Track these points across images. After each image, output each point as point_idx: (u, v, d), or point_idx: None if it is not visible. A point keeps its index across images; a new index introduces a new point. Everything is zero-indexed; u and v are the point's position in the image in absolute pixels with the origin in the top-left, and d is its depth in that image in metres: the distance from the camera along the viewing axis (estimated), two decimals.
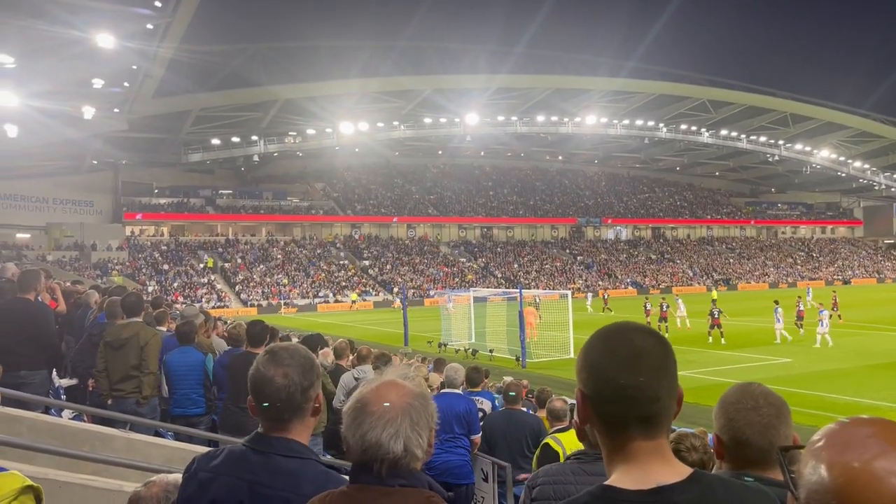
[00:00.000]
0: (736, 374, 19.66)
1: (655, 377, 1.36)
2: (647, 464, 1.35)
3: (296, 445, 2.07)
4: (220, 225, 66.37)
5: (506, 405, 7.35)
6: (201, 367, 7.48)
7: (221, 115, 55.20)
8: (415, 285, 60.75)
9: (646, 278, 69.96)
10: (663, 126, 72.24)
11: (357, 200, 73.86)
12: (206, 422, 7.58)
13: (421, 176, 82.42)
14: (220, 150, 62.27)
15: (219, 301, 52.49)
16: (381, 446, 1.63)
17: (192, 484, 2.10)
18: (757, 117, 71.31)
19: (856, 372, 19.95)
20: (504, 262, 70.00)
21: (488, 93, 61.00)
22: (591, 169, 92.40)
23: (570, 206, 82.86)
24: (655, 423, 1.37)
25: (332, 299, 56.43)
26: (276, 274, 59.21)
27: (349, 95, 56.94)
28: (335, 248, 67.20)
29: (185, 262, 58.43)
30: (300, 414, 2.10)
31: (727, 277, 72.64)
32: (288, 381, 2.07)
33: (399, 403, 1.67)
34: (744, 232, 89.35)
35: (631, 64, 67.47)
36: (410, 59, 58.80)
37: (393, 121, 64.52)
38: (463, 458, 7.09)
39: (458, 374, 7.47)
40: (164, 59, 38.63)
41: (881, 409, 15.13)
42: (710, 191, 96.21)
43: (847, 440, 0.90)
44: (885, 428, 0.91)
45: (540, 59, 64.31)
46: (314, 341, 8.04)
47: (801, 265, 80.00)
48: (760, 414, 1.95)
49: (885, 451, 0.87)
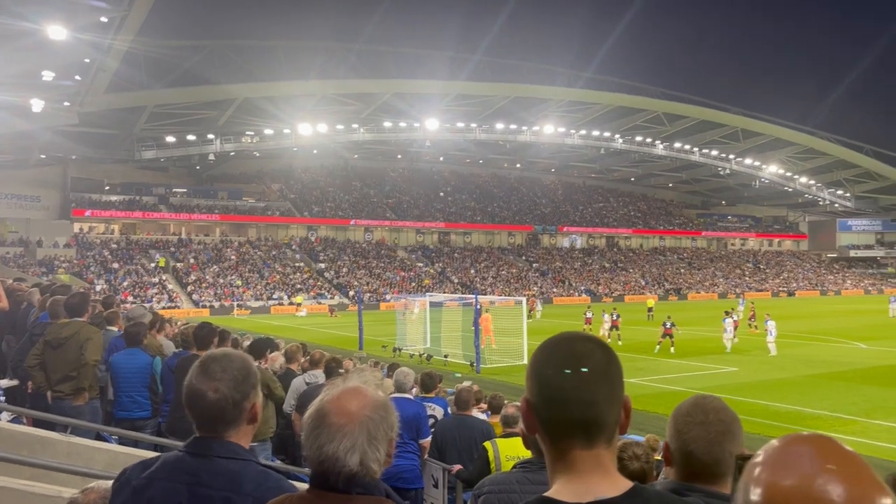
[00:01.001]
0: (684, 383, 20.05)
1: (593, 382, 1.37)
2: (587, 476, 1.35)
3: (235, 447, 2.07)
4: (172, 224, 65.09)
5: (457, 411, 7.37)
6: (148, 369, 7.32)
7: (177, 113, 54.20)
8: (371, 289, 60.47)
9: (599, 286, 70.91)
10: (619, 137, 73.49)
11: (314, 202, 73.25)
12: (151, 425, 7.42)
13: (380, 179, 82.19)
14: (175, 148, 61.11)
15: (170, 301, 51.44)
16: (337, 460, 1.63)
17: (125, 491, 2.05)
18: (709, 131, 73.06)
19: (799, 381, 20.52)
20: (461, 268, 70.19)
21: (448, 99, 61.23)
22: (548, 177, 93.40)
23: (527, 214, 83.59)
24: (595, 431, 1.36)
25: (286, 302, 55.79)
26: (230, 275, 58.31)
27: (308, 97, 56.51)
28: (291, 250, 66.50)
29: (136, 261, 57.12)
30: (234, 425, 2.08)
31: (678, 287, 74.10)
32: (219, 396, 2.05)
33: (358, 416, 1.66)
34: (695, 243, 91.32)
35: (587, 74, 68.67)
36: (369, 63, 58.74)
37: (352, 123, 64.25)
38: (412, 462, 7.09)
39: (407, 378, 7.46)
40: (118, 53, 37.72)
41: (822, 418, 15.61)
42: (663, 202, 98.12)
43: (783, 459, 0.88)
44: (822, 446, 0.89)
45: (499, 66, 64.90)
46: (264, 345, 7.93)
47: (748, 277, 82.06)
48: (708, 429, 1.95)
49: (819, 471, 0.84)
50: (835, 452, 0.88)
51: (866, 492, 0.83)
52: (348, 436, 1.63)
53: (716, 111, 71.00)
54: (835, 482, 0.82)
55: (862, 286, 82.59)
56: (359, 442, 1.63)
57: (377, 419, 1.67)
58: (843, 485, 0.82)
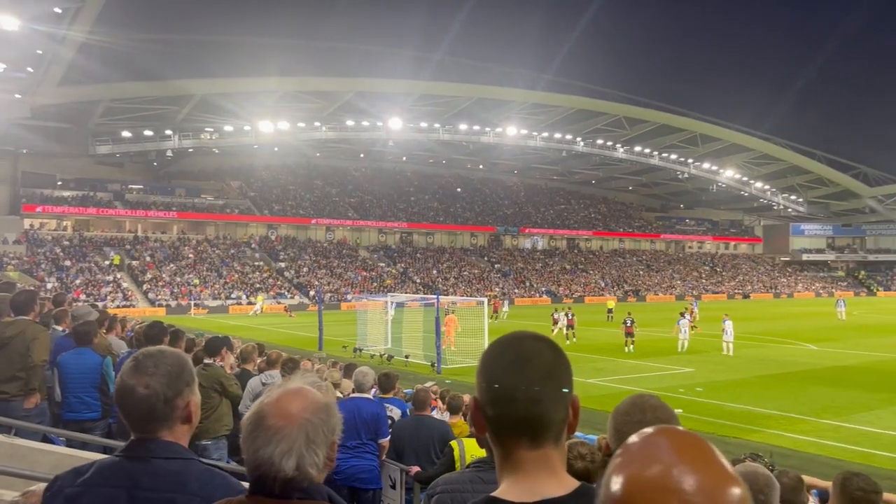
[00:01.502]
0: (641, 383, 20.32)
1: (539, 379, 1.36)
2: (534, 475, 1.35)
3: (176, 447, 2.00)
4: (128, 221, 63.71)
5: (415, 411, 7.33)
6: (98, 369, 7.12)
7: (134, 107, 53.14)
8: (332, 289, 60.04)
9: (560, 287, 71.53)
10: (581, 140, 74.28)
11: (275, 200, 72.45)
12: (101, 427, 7.22)
13: (342, 178, 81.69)
14: (131, 143, 59.89)
15: (124, 300, 50.35)
16: (272, 464, 1.57)
17: (57, 501, 1.96)
18: (669, 135, 74.30)
19: (752, 382, 20.96)
20: (423, 268, 70.14)
21: (412, 99, 61.18)
22: (511, 179, 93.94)
23: (490, 215, 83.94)
24: (541, 430, 1.36)
25: (245, 301, 55.04)
26: (187, 273, 57.32)
27: (268, 93, 55.92)
28: (250, 249, 65.66)
29: (89, 258, 55.77)
30: (166, 424, 2.00)
31: (636, 289, 75.17)
32: (150, 392, 1.98)
33: (297, 418, 1.61)
34: (653, 245, 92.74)
35: (548, 77, 69.40)
36: (331, 60, 58.67)
37: (314, 121, 63.74)
38: (370, 463, 7.04)
39: (366, 377, 7.40)
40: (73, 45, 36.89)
41: (774, 418, 15.97)
42: (623, 205, 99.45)
43: (641, 451, 0.90)
44: (679, 439, 0.91)
45: (462, 67, 65.16)
46: (219, 343, 7.78)
47: (705, 279, 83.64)
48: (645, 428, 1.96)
49: (675, 462, 0.86)
50: (690, 444, 0.90)
51: (719, 482, 0.85)
52: (285, 439, 1.57)
53: (675, 116, 72.27)
54: (689, 473, 0.85)
55: (813, 289, 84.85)
56: (296, 445, 1.58)
57: (317, 422, 1.62)
58: (696, 475, 0.85)
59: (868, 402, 17.76)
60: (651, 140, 75.59)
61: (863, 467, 11.43)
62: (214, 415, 7.31)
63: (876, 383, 20.45)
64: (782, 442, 13.53)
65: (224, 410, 7.38)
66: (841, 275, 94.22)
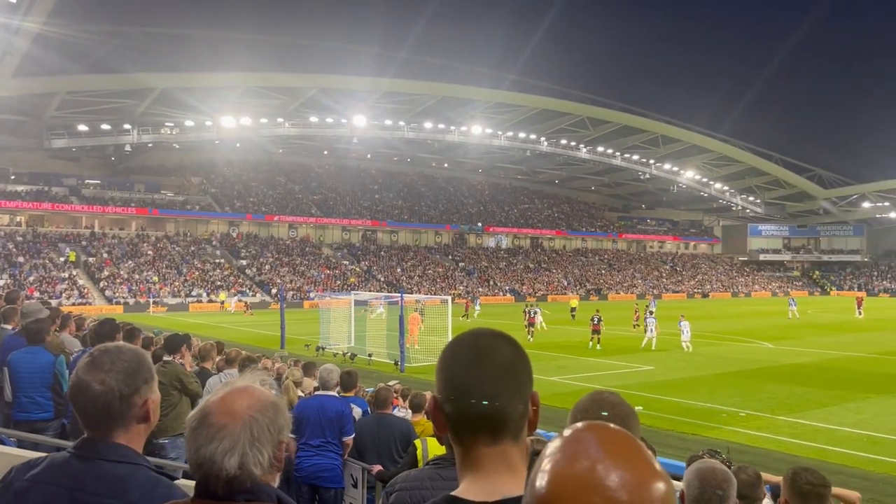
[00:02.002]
0: (604, 381, 20.54)
1: (495, 375, 1.35)
2: (493, 473, 1.34)
3: (125, 450, 1.93)
4: (84, 216, 62.28)
5: (376, 410, 7.30)
6: (51, 368, 6.93)
7: (91, 100, 51.91)
8: (294, 287, 59.51)
9: (523, 286, 71.97)
10: (545, 140, 74.81)
11: (236, 197, 71.52)
12: (54, 427, 7.03)
13: (305, 175, 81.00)
14: (88, 137, 58.51)
15: (80, 297, 49.22)
16: (214, 463, 1.51)
17: (7, 494, 1.91)
18: (631, 136, 75.23)
19: (710, 379, 21.35)
20: (387, 266, 69.93)
21: (376, 96, 60.91)
22: (475, 178, 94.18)
23: (454, 213, 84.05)
24: (499, 426, 1.35)
25: (205, 299, 54.26)
26: (146, 271, 56.27)
27: (231, 89, 55.15)
28: (211, 246, 64.71)
29: (44, 254, 54.38)
30: (122, 422, 1.94)
31: (598, 287, 76.01)
32: (105, 388, 1.92)
33: (242, 416, 1.55)
34: (615, 245, 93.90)
35: (512, 76, 69.67)
36: (295, 56, 58.05)
37: (277, 117, 63.06)
38: (333, 461, 6.98)
39: (331, 375, 7.34)
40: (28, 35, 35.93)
41: (731, 414, 16.27)
42: (586, 204, 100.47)
43: (566, 448, 0.90)
44: (604, 435, 0.90)
45: (426, 65, 65.07)
46: (178, 340, 7.65)
47: (666, 278, 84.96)
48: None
49: (599, 458, 0.86)
50: (616, 441, 0.90)
51: (644, 478, 0.85)
52: (228, 437, 1.52)
53: (637, 117, 73.18)
54: (614, 469, 0.84)
55: (770, 288, 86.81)
56: (240, 443, 1.52)
57: (263, 420, 1.56)
58: (621, 471, 0.84)
59: (822, 398, 18.22)
60: (613, 141, 76.48)
61: (817, 462, 11.72)
62: (173, 413, 7.19)
63: (829, 380, 20.99)
64: (739, 438, 13.80)
65: (183, 409, 7.26)
66: (796, 274, 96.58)
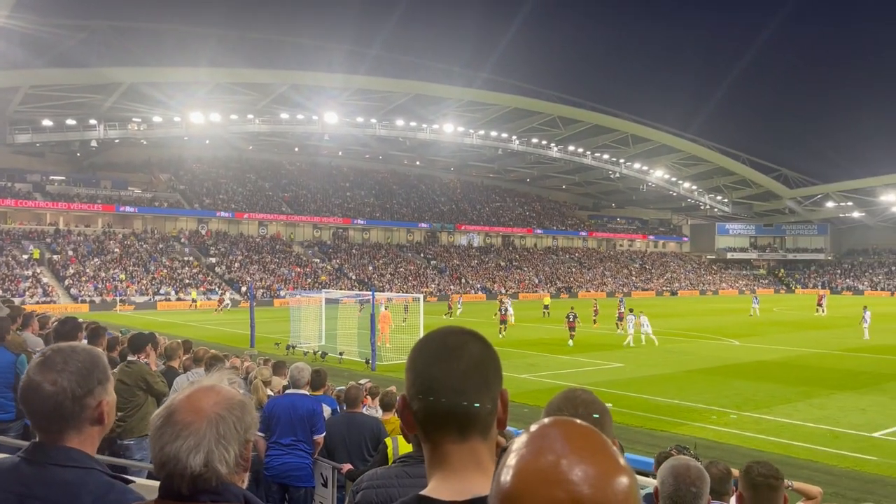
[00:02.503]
0: (574, 378, 20.70)
1: (463, 372, 1.35)
2: (462, 472, 1.33)
3: (76, 454, 1.87)
4: (49, 213, 61.03)
5: (346, 409, 7.26)
6: (12, 368, 6.78)
7: (56, 95, 50.88)
8: (264, 285, 58.99)
9: (495, 284, 72.20)
10: (516, 139, 75.11)
11: (206, 194, 70.65)
12: (16, 428, 6.88)
13: (276, 172, 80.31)
14: (53, 133, 57.36)
15: (45, 296, 48.27)
16: (178, 461, 1.48)
17: None
18: (601, 136, 75.85)
19: (678, 376, 21.62)
20: (359, 264, 69.65)
21: (348, 93, 60.61)
22: (447, 176, 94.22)
23: (426, 211, 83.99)
24: (466, 423, 1.34)
25: (174, 297, 53.54)
26: (113, 268, 55.33)
27: (200, 84, 54.44)
28: (179, 244, 63.86)
29: (7, 252, 53.17)
30: (74, 424, 1.89)
31: (569, 285, 76.55)
32: (57, 389, 1.86)
33: (208, 413, 1.53)
34: (586, 243, 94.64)
35: (484, 75, 69.72)
36: (265, 52, 57.47)
37: (247, 114, 62.44)
38: (304, 460, 6.94)
39: (302, 373, 7.29)
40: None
41: (698, 411, 16.50)
42: (557, 203, 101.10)
43: (531, 443, 0.90)
44: (568, 431, 0.91)
45: (398, 63, 64.89)
46: (143, 339, 7.52)
47: (635, 276, 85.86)
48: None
49: (563, 453, 0.87)
50: (581, 436, 0.91)
51: (607, 472, 0.86)
52: (193, 434, 1.49)
53: (608, 116, 73.78)
54: (578, 464, 0.85)
55: (737, 286, 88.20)
56: (205, 441, 1.49)
57: (230, 418, 1.54)
58: (584, 465, 0.85)
59: (787, 394, 18.55)
60: (584, 140, 77.04)
61: (782, 458, 11.94)
62: (139, 413, 7.07)
63: (794, 377, 21.38)
64: (706, 434, 13.99)
65: (149, 409, 7.13)
66: (762, 273, 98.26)
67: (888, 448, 13.27)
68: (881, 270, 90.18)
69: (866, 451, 12.95)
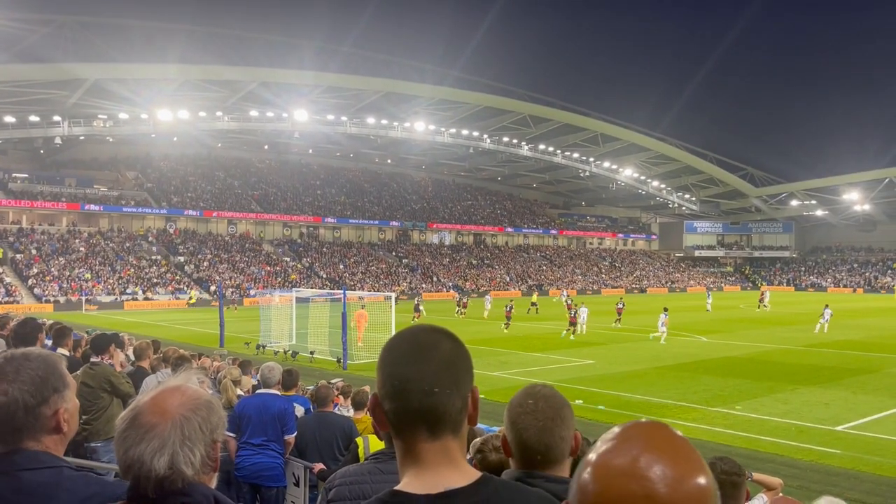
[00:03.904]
0: (545, 375, 20.83)
1: (432, 370, 1.36)
2: (435, 467, 1.35)
3: (44, 457, 1.82)
4: (12, 212, 59.72)
5: (317, 408, 7.22)
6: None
7: (19, 91, 49.69)
8: (234, 284, 58.38)
9: (466, 282, 72.32)
10: (487, 137, 75.30)
11: (174, 192, 69.68)
12: None
13: (245, 170, 79.50)
14: (15, 129, 56.09)
15: (7, 296, 47.24)
16: (143, 463, 1.46)
17: None
18: (572, 135, 76.34)
19: (648, 373, 21.87)
20: (330, 263, 69.27)
21: (318, 90, 60.18)
22: (419, 174, 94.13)
23: (398, 210, 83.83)
24: (436, 421, 1.36)
25: (141, 297, 52.75)
26: (78, 268, 54.33)
27: (168, 81, 53.63)
28: (147, 242, 62.92)
29: None
30: (30, 434, 1.83)
31: (540, 283, 76.98)
32: (8, 400, 1.80)
33: (173, 415, 1.50)
34: (556, 241, 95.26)
35: (455, 73, 69.80)
36: (234, 49, 56.82)
37: (216, 111, 61.66)
38: (275, 460, 6.89)
39: (272, 372, 7.23)
40: None
41: (668, 406, 16.71)
42: (528, 201, 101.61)
43: (615, 441, 0.93)
44: (652, 432, 0.94)
45: (369, 60, 64.64)
46: (105, 340, 7.38)
47: (605, 274, 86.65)
48: (537, 417, 1.98)
49: (644, 451, 0.90)
50: (663, 437, 0.93)
51: (685, 473, 0.89)
52: (158, 436, 1.47)
53: (578, 115, 74.29)
54: (657, 462, 0.88)
55: (704, 283, 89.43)
56: (170, 442, 1.47)
57: (195, 419, 1.52)
58: (663, 464, 0.88)
59: (753, 390, 18.87)
60: (555, 139, 77.49)
61: (749, 451, 12.15)
62: (104, 415, 6.95)
63: (760, 372, 21.76)
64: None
65: (115, 411, 7.02)
66: (729, 270, 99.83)
67: (851, 441, 13.56)
68: (843, 268, 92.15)
69: (830, 445, 13.22)
